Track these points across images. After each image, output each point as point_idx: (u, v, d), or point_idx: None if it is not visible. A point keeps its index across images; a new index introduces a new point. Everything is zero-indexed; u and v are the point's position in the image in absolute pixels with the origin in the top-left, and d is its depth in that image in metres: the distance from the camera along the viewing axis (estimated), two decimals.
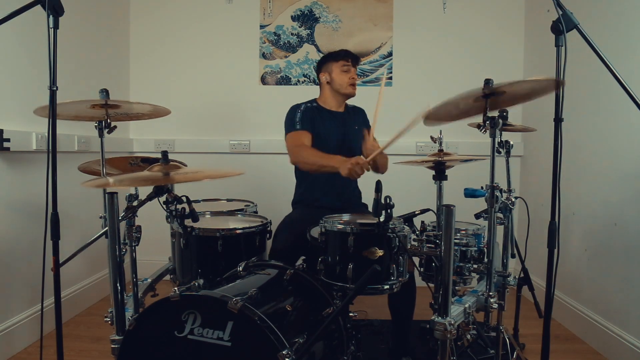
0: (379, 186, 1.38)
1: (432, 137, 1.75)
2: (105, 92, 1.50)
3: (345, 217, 1.71)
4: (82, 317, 2.53)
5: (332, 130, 2.19)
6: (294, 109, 2.22)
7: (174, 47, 3.22)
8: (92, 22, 2.75)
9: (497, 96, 1.43)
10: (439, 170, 1.67)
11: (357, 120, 2.30)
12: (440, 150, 1.68)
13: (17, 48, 2.08)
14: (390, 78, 3.18)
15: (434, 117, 1.51)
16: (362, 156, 1.96)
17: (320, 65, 2.27)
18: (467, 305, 1.45)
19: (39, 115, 1.50)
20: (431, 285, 1.69)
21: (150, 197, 1.31)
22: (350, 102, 2.36)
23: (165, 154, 1.30)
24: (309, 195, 2.26)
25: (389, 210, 1.37)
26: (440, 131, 1.71)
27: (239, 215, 2.01)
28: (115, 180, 1.30)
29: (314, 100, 2.30)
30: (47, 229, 1.35)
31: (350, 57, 2.18)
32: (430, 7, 3.13)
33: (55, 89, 1.34)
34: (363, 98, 2.41)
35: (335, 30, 3.18)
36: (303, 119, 2.17)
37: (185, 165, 1.67)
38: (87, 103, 1.51)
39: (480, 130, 1.47)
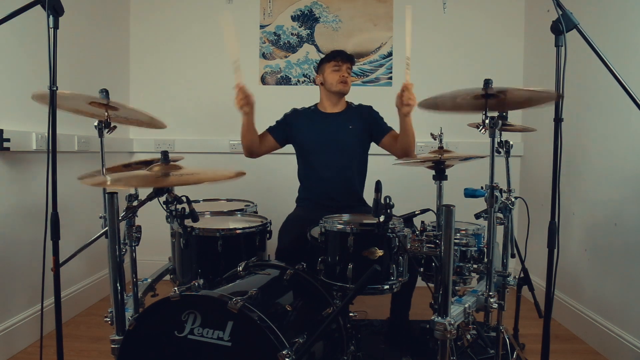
0: (379, 186, 1.38)
1: (432, 135, 1.75)
2: (105, 92, 1.49)
3: (345, 217, 1.71)
4: (82, 317, 2.53)
5: (319, 132, 2.24)
6: (288, 111, 2.36)
7: (173, 47, 3.22)
8: (92, 22, 2.75)
9: (496, 98, 1.43)
10: (439, 170, 1.67)
11: (355, 118, 2.28)
12: (440, 148, 1.68)
13: (17, 48, 2.08)
14: (390, 78, 3.18)
15: (428, 103, 1.51)
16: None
17: (317, 69, 2.34)
18: (467, 305, 1.45)
19: (36, 100, 1.47)
20: (431, 285, 1.69)
21: (150, 197, 1.31)
22: (357, 100, 2.37)
23: (165, 153, 1.30)
24: (310, 193, 2.29)
25: (388, 210, 1.37)
26: (441, 128, 1.71)
27: (239, 215, 2.01)
28: (113, 179, 1.30)
29: (316, 104, 2.36)
30: (47, 229, 1.35)
31: (339, 56, 2.22)
32: (430, 7, 3.13)
33: (55, 89, 1.34)
34: (363, 98, 2.41)
35: (335, 30, 3.18)
36: (280, 122, 2.32)
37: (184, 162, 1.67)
38: (87, 99, 1.50)
39: (480, 130, 1.47)
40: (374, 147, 2.37)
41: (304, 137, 2.26)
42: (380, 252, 1.43)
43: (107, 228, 1.29)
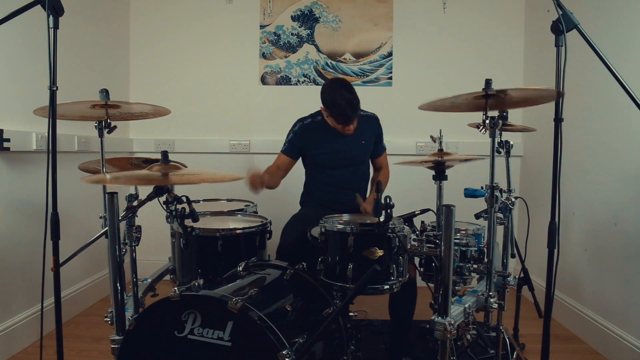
0: (379, 186, 1.38)
1: (432, 137, 1.74)
2: (105, 92, 1.50)
3: (345, 217, 1.71)
4: (82, 317, 2.53)
5: (332, 149, 2.21)
6: (294, 125, 2.27)
7: (174, 47, 3.22)
8: (92, 22, 2.75)
9: (496, 97, 1.43)
10: (439, 170, 1.67)
11: (365, 132, 2.25)
12: (440, 150, 1.68)
13: (17, 48, 2.08)
14: (390, 78, 3.18)
15: (428, 104, 1.51)
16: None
17: (321, 100, 2.14)
18: (467, 305, 1.45)
19: (38, 115, 1.50)
20: (431, 285, 1.69)
21: (150, 197, 1.31)
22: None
23: (165, 154, 1.30)
24: (314, 195, 2.31)
25: (389, 210, 1.37)
26: (440, 131, 1.71)
27: (239, 215, 2.01)
28: (113, 177, 1.30)
29: (319, 111, 2.22)
30: (47, 229, 1.35)
31: (342, 120, 2.07)
32: (430, 7, 3.13)
33: (55, 89, 1.34)
34: (363, 98, 2.40)
35: (335, 30, 3.18)
36: (291, 141, 2.23)
37: (186, 167, 1.67)
38: (87, 103, 1.51)
39: (480, 130, 1.47)
40: None
41: (318, 153, 2.23)
42: (380, 252, 1.43)
43: (107, 228, 1.29)
